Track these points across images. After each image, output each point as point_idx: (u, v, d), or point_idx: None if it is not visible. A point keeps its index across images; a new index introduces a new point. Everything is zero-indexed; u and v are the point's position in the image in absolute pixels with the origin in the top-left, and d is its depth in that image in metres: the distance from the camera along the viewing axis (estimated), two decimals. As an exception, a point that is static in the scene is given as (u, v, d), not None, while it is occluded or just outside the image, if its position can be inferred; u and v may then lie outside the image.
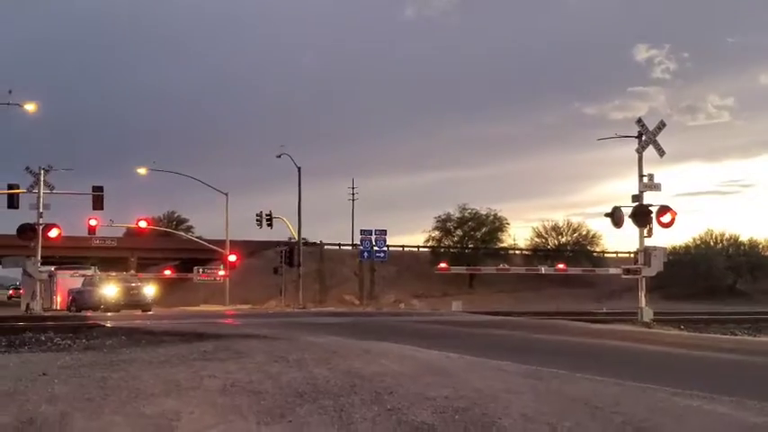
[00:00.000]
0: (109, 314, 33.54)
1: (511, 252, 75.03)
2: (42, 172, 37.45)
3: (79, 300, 41.76)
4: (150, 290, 42.31)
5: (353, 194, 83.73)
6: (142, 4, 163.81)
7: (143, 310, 38.00)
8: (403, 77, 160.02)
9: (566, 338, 17.14)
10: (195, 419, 6.26)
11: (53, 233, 37.38)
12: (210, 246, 57.55)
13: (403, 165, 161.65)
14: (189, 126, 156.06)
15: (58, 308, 46.57)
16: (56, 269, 48.71)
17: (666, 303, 41.51)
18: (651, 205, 25.93)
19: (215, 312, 37.08)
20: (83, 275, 46.05)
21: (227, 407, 6.75)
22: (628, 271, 27.63)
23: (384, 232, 50.66)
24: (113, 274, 46.83)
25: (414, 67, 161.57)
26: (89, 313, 35.96)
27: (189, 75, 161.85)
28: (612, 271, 36.03)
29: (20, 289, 78.16)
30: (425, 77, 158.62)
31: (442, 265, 45.59)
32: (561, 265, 40.28)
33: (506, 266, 49.62)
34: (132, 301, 39.32)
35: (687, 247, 71.17)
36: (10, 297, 78.86)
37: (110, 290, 39.90)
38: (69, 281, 47.40)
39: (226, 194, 55.27)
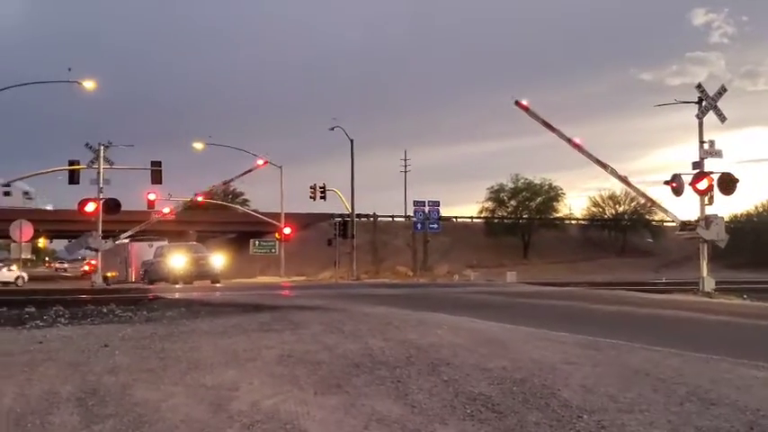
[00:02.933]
0: (177, 286, 33.59)
1: (567, 222, 74.23)
2: (102, 148, 38.04)
3: (150, 271, 41.71)
4: (219, 260, 41.50)
5: (405, 166, 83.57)
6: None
7: (212, 282, 37.79)
8: (454, 47, 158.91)
9: (624, 309, 16.89)
10: (253, 390, 6.30)
11: (113, 207, 37.94)
12: (266, 218, 58.01)
13: (455, 136, 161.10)
14: (244, 100, 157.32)
15: (133, 280, 47.34)
16: (130, 240, 49.40)
17: (728, 272, 40.65)
18: (712, 172, 25.38)
19: (271, 284, 37.43)
20: (156, 246, 45.79)
21: (284, 377, 6.78)
22: (684, 226, 26.79)
23: (437, 203, 50.53)
24: (181, 244, 46.04)
25: (465, 37, 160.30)
26: (153, 286, 35.94)
27: (244, 52, 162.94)
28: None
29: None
30: (477, 47, 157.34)
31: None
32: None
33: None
34: (201, 272, 38.78)
35: (749, 215, 69.70)
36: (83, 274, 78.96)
37: (178, 261, 39.27)
38: (143, 252, 47.82)
39: (280, 168, 55.60)
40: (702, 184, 25.15)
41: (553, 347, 8.51)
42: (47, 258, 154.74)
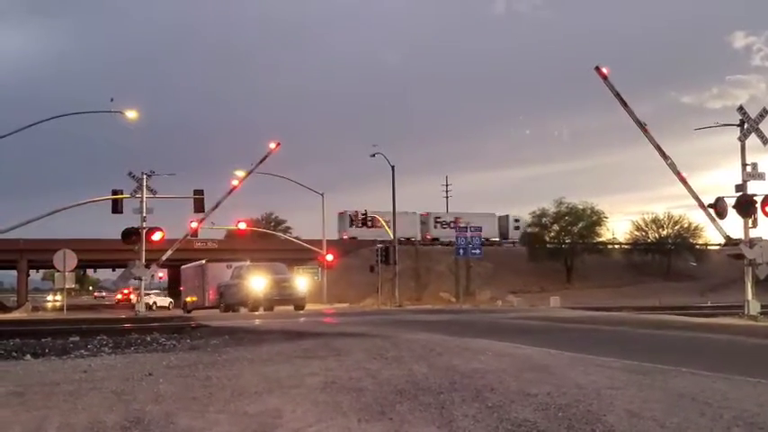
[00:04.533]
0: (256, 313, 31.77)
1: (610, 246, 73.55)
2: (145, 177, 38.49)
3: (226, 295, 38.32)
4: (303, 283, 37.38)
5: (447, 191, 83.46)
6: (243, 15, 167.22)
7: (296, 307, 34.61)
8: (492, 74, 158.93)
9: (669, 333, 16.69)
10: (297, 417, 6.31)
11: (156, 236, 38.10)
12: (308, 246, 58.28)
13: (496, 160, 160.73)
14: (284, 128, 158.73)
15: (208, 305, 44.11)
16: (207, 261, 47.22)
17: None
18: (756, 195, 25.06)
19: (313, 311, 37.41)
20: (235, 267, 41.64)
21: (328, 404, 6.79)
22: (729, 240, 26.27)
23: (479, 229, 50.25)
24: (262, 264, 40.92)
25: (503, 63, 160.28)
26: (230, 312, 34.50)
27: (284, 80, 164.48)
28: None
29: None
30: (516, 73, 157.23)
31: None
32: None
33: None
34: (284, 296, 34.95)
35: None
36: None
37: (258, 283, 34.87)
38: (220, 274, 43.72)
39: (321, 195, 55.96)
40: (747, 207, 24.83)
41: (597, 372, 8.42)
42: (90, 287, 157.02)
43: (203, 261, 47.43)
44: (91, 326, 20.85)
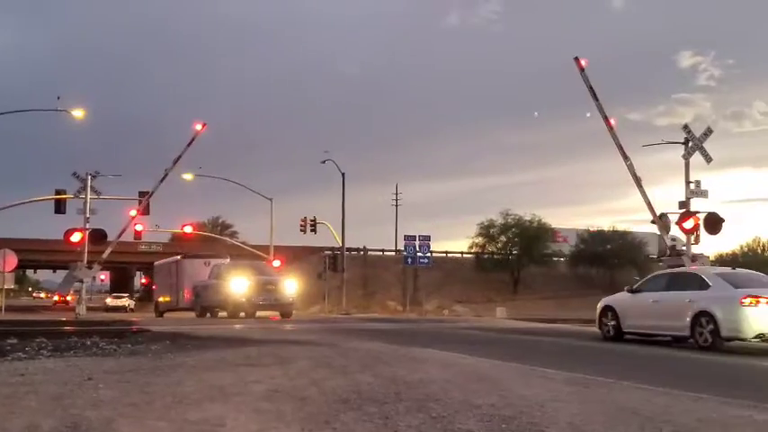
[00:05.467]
0: (236, 319, 28.90)
1: (555, 258, 74.33)
2: (89, 178, 37.84)
3: (203, 296, 33.64)
4: (292, 286, 32.11)
5: (397, 200, 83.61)
6: (190, 13, 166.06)
7: (282, 314, 30.75)
8: (445, 85, 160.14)
9: (612, 346, 16.91)
10: (239, 425, 6.22)
11: (75, 237, 36.93)
12: (255, 251, 57.87)
13: (446, 171, 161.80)
14: (233, 132, 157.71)
15: (183, 306, 39.72)
16: (182, 257, 42.67)
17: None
18: (698, 212, 25.55)
19: (258, 318, 36.93)
20: (213, 264, 36.63)
21: (271, 413, 6.71)
22: (672, 250, 26.62)
23: (428, 238, 50.47)
24: (246, 262, 37.48)
25: (456, 75, 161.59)
26: (206, 317, 31.83)
27: (232, 82, 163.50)
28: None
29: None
30: (468, 85, 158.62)
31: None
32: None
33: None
34: (269, 301, 30.72)
35: (734, 255, 70.02)
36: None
37: (239, 285, 30.21)
38: (197, 271, 38.29)
39: (270, 200, 55.65)
40: (689, 224, 25.33)
41: (542, 384, 8.47)
42: (30, 288, 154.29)
43: (178, 257, 43.14)
44: (30, 328, 20.39)
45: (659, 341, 17.92)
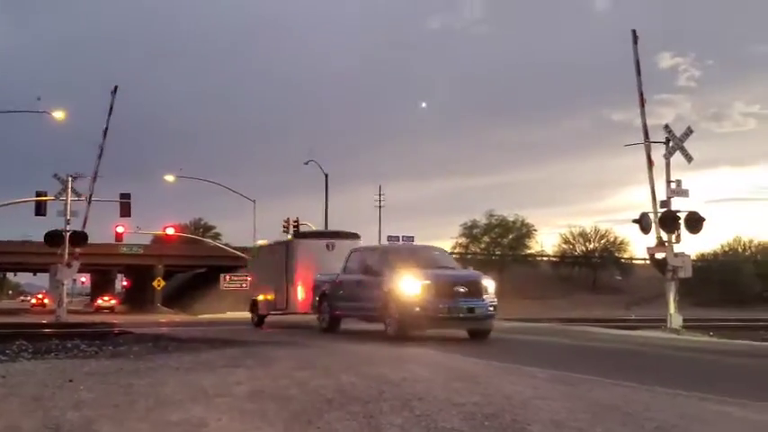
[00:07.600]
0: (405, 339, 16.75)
1: (538, 258, 74.64)
2: (70, 179, 37.49)
3: (337, 297, 20.47)
4: (491, 287, 17.94)
5: (380, 200, 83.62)
6: (177, 9, 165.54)
7: (473, 333, 17.76)
8: (430, 84, 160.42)
9: (595, 345, 16.99)
10: (222, 426, 6.20)
11: (79, 240, 36.89)
12: (237, 253, 57.68)
13: (430, 171, 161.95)
14: (216, 133, 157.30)
15: (298, 309, 24.50)
16: (294, 236, 31.29)
17: (695, 310, 41.03)
18: (679, 211, 25.67)
19: (242, 320, 36.67)
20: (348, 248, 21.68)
21: (254, 413, 6.68)
22: (660, 241, 26.11)
23: (411, 238, 50.55)
24: (407, 246, 29.00)
25: (440, 75, 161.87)
26: (339, 329, 20.53)
27: (214, 81, 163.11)
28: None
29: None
30: (453, 84, 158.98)
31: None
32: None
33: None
34: (458, 312, 16.93)
35: (716, 255, 70.53)
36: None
37: (410, 285, 16.82)
38: (319, 259, 23.21)
39: (253, 201, 55.52)
40: (669, 223, 25.42)
41: (525, 382, 8.49)
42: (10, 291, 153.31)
43: (289, 237, 32.51)
44: (9, 330, 20.25)
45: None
